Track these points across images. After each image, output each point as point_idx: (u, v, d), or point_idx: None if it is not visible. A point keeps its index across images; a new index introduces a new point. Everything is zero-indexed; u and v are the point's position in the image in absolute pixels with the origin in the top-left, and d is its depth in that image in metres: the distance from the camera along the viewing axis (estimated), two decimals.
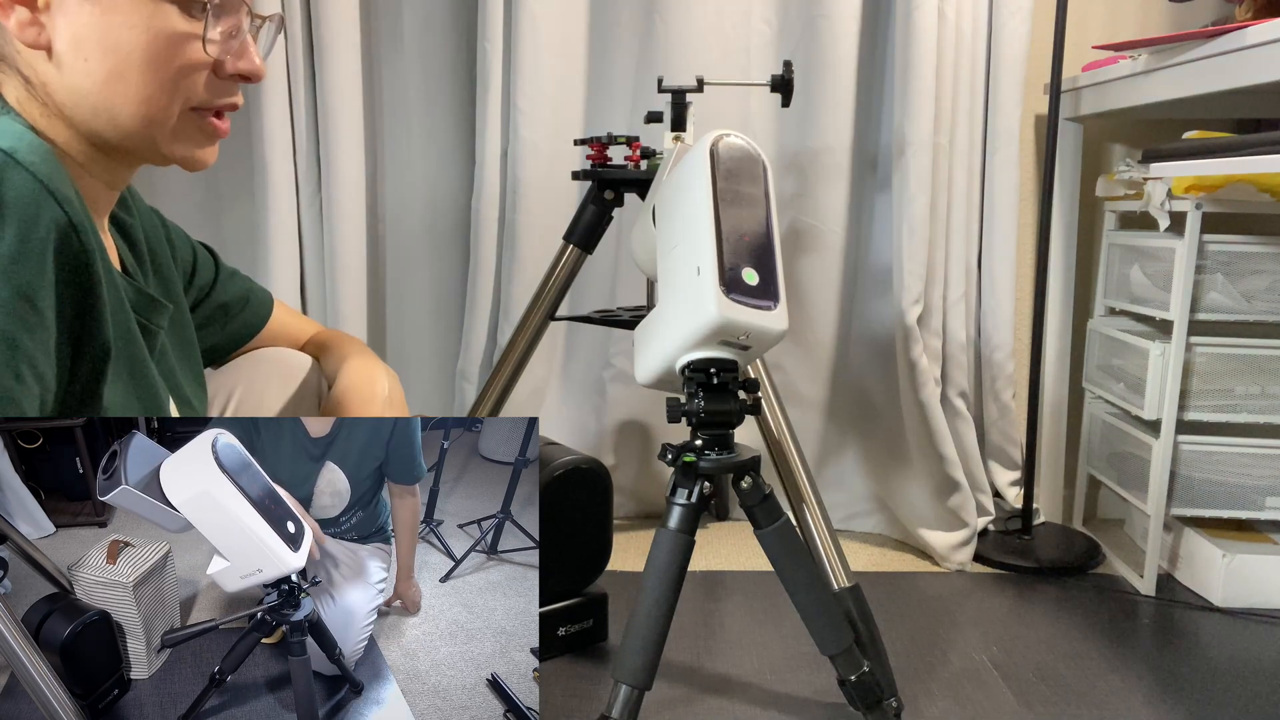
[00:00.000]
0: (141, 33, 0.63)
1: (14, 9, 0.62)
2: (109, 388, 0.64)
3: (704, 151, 0.97)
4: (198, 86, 0.68)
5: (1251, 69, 1.34)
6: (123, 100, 0.65)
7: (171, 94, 0.66)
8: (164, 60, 0.65)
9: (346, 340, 1.02)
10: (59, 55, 0.63)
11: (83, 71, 0.64)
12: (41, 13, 0.62)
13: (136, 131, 0.67)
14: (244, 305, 1.00)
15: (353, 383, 0.91)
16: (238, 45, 0.69)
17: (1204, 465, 1.71)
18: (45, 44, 0.63)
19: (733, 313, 0.89)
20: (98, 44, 0.63)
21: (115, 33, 0.63)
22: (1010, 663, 1.47)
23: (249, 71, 0.70)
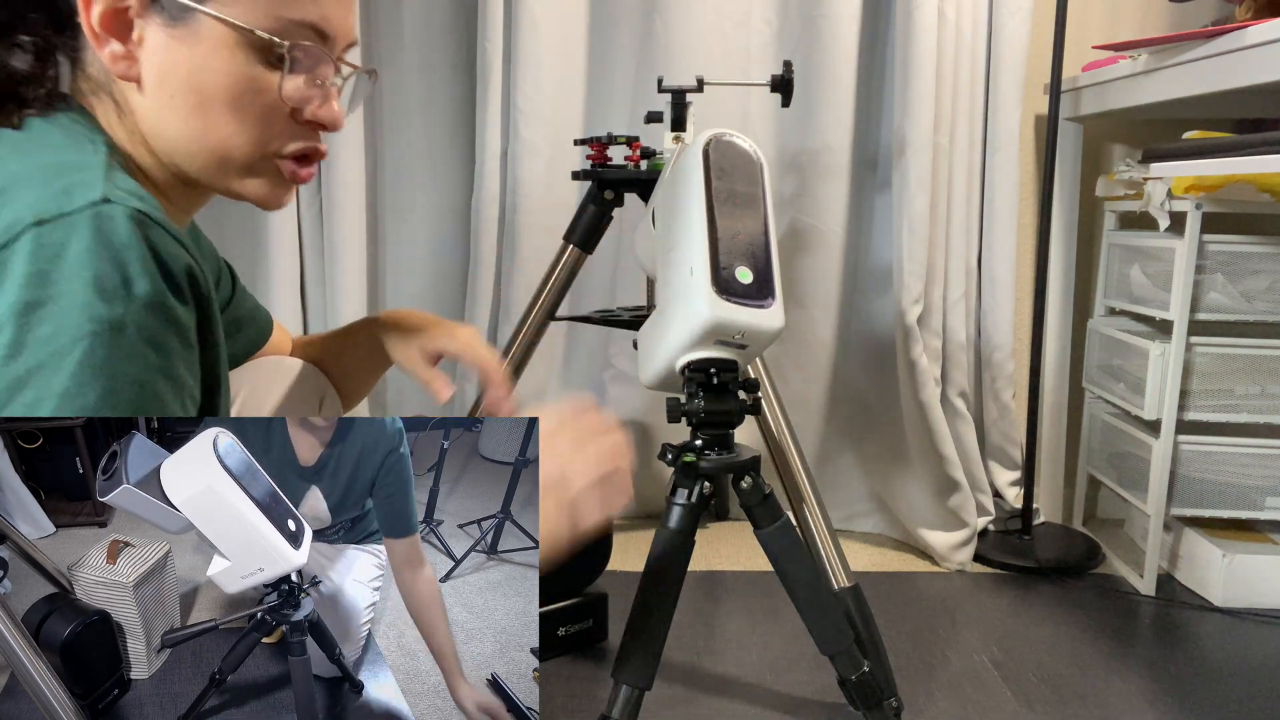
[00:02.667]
0: (224, 76, 0.65)
1: (109, 41, 0.64)
2: None
3: (697, 152, 0.97)
4: (275, 131, 0.69)
5: (1251, 69, 1.34)
6: (201, 138, 0.67)
7: (248, 137, 0.68)
8: (243, 104, 0.66)
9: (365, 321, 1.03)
10: (147, 88, 0.65)
11: (167, 107, 0.66)
12: (134, 46, 0.64)
13: (210, 169, 0.69)
14: (252, 320, 1.01)
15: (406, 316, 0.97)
16: (320, 93, 0.70)
17: (1204, 465, 1.71)
18: (136, 76, 0.65)
19: (725, 312, 0.89)
20: (183, 82, 0.65)
21: (199, 74, 0.65)
22: (1010, 663, 1.47)
23: (326, 120, 0.71)
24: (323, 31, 0.67)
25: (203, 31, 0.64)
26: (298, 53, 0.67)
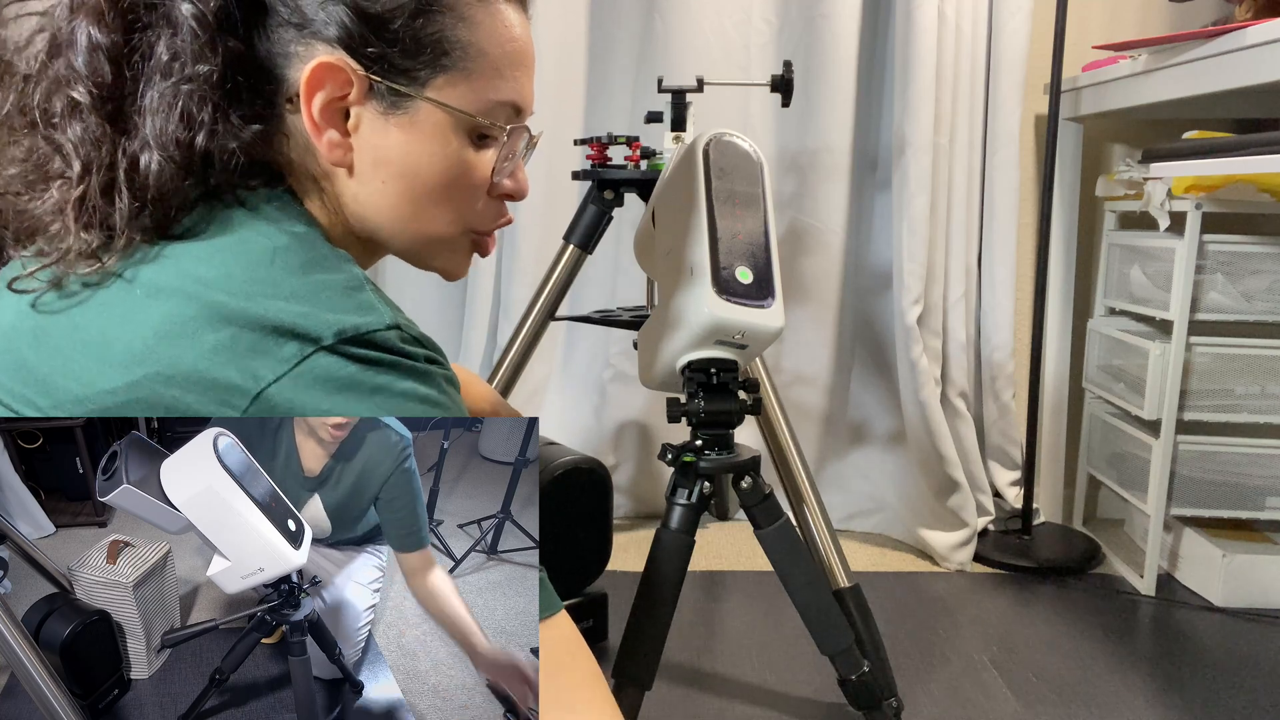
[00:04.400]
0: (440, 161, 0.65)
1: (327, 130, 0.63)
2: None
3: (697, 152, 0.97)
4: (477, 211, 0.70)
5: (1251, 69, 1.34)
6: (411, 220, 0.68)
7: (454, 218, 0.69)
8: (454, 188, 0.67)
9: None
10: (359, 174, 0.65)
11: (379, 192, 0.66)
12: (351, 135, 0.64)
13: (415, 248, 0.70)
14: None
15: None
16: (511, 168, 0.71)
17: (1204, 465, 1.71)
18: (349, 163, 0.65)
19: (725, 312, 0.89)
20: (398, 168, 0.65)
21: (415, 159, 0.65)
22: (1010, 663, 1.47)
23: (516, 192, 0.72)
24: (520, 109, 0.68)
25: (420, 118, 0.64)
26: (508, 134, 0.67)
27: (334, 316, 0.55)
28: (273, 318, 0.54)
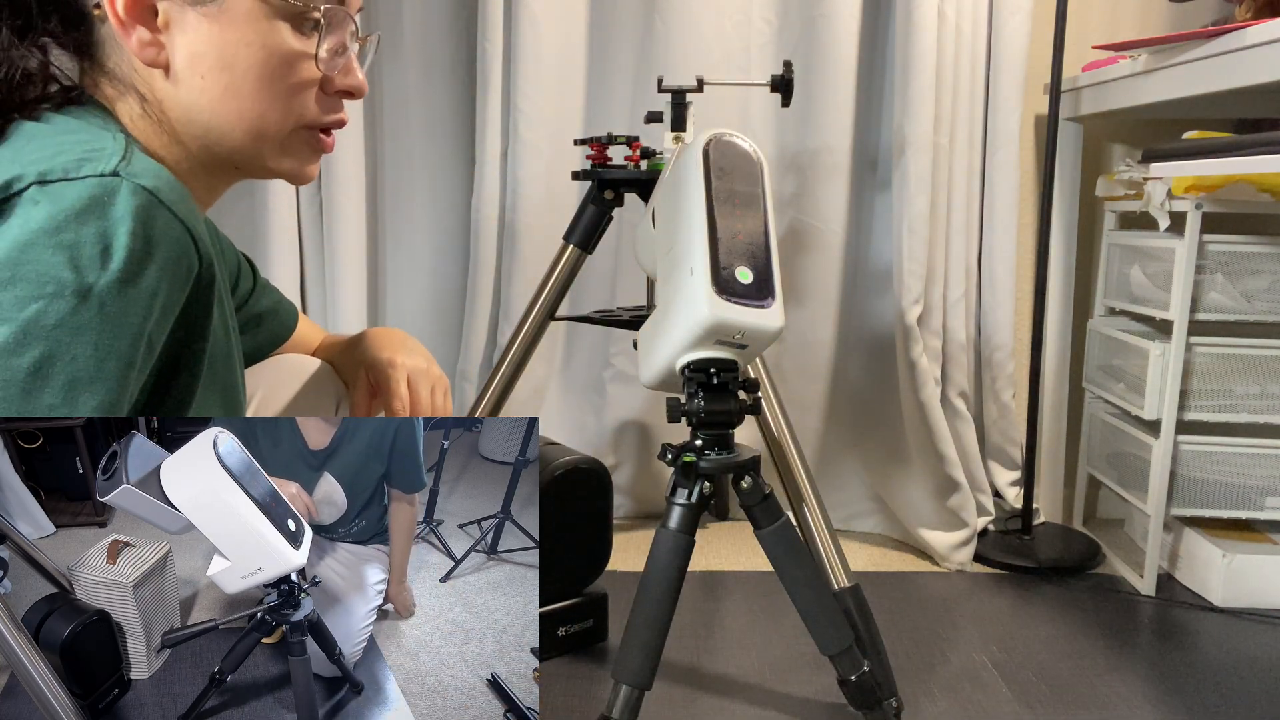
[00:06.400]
0: (257, 50, 0.65)
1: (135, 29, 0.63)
2: (202, 392, 0.67)
3: (697, 152, 0.97)
4: (308, 103, 0.69)
5: (1251, 69, 1.34)
6: (236, 116, 0.67)
7: (283, 111, 0.68)
8: (277, 77, 0.66)
9: None
10: (176, 73, 0.65)
11: (199, 89, 0.65)
12: (161, 32, 0.64)
13: (247, 147, 0.69)
14: (274, 316, 1.01)
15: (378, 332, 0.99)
16: (343, 62, 0.70)
17: (1204, 465, 1.71)
18: (164, 63, 0.64)
19: (725, 312, 0.89)
20: (215, 61, 0.64)
21: (231, 50, 0.64)
22: (1010, 663, 1.47)
23: (353, 87, 0.72)
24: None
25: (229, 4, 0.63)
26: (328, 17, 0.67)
27: None
28: None
